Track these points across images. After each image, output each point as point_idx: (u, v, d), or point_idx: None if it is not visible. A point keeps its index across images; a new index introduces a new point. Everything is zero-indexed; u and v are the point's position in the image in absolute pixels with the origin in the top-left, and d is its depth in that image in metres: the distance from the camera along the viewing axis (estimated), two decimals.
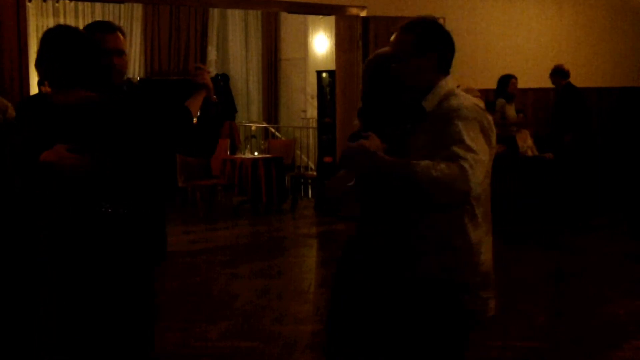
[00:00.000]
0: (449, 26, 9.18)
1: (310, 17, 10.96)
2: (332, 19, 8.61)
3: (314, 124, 10.02)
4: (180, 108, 2.72)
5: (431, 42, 2.40)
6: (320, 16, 10.00)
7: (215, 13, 12.05)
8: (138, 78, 10.98)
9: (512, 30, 8.62)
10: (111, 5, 11.06)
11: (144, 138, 2.62)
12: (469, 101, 2.32)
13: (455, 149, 2.13)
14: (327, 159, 8.83)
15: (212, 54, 12.24)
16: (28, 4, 7.63)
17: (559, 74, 8.22)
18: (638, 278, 5.71)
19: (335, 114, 8.45)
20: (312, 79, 9.90)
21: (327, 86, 8.91)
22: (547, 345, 4.22)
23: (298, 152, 10.59)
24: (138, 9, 11.31)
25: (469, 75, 7.95)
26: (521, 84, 7.95)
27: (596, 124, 8.84)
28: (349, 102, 8.16)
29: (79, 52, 2.58)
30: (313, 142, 10.49)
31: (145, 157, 2.68)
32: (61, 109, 2.58)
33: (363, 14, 7.87)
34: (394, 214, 2.36)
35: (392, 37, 2.49)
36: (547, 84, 8.34)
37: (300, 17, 11.15)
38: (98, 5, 11.01)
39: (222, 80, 10.82)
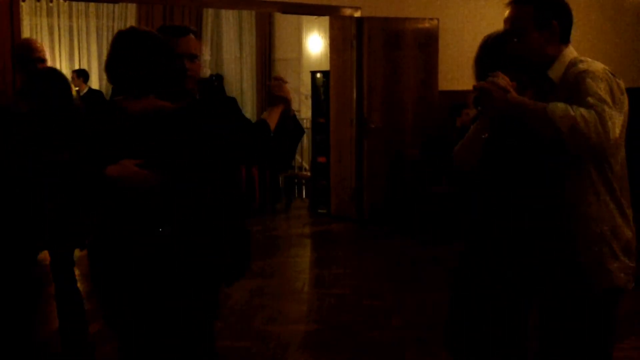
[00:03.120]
0: (442, 27, 9.20)
1: (305, 18, 10.95)
2: (326, 19, 8.61)
3: (308, 124, 10.00)
4: (258, 122, 2.57)
5: (551, 11, 2.31)
6: (315, 17, 9.99)
7: (209, 13, 12.03)
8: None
9: None
10: (105, 5, 11.03)
11: (220, 153, 2.45)
12: (598, 65, 2.26)
13: (590, 99, 2.08)
14: (321, 159, 8.84)
15: (206, 54, 12.22)
16: (22, 3, 7.62)
17: None
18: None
19: (329, 114, 8.46)
20: (306, 79, 9.88)
21: (321, 86, 8.91)
22: None
23: None
24: (132, 9, 11.28)
25: (464, 76, 7.97)
26: None
27: None
28: (342, 102, 8.17)
29: (152, 56, 2.40)
30: (307, 142, 10.47)
31: (218, 172, 2.54)
32: (132, 119, 2.39)
33: (357, 14, 7.88)
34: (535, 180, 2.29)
35: (507, 13, 2.36)
36: None
37: (294, 18, 11.13)
38: (92, 4, 10.98)
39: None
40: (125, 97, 2.44)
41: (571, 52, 2.34)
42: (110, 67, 2.44)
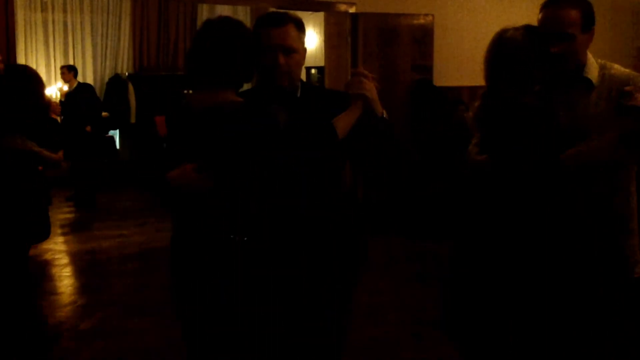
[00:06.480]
0: (438, 23, 9.15)
1: (299, 13, 10.93)
2: (321, 15, 8.60)
3: None
4: (322, 125, 2.31)
5: (592, 17, 2.43)
6: (309, 12, 9.98)
7: (204, 9, 12.01)
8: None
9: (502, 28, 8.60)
10: None
11: (278, 160, 2.25)
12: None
13: None
14: None
15: None
16: None
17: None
18: None
19: None
20: (301, 75, 9.89)
21: (316, 82, 8.91)
22: None
23: None
24: (126, 4, 11.25)
25: (458, 72, 7.97)
26: None
27: None
28: None
29: (230, 48, 2.24)
30: None
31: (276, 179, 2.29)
32: (197, 114, 2.26)
33: (352, 10, 7.86)
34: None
35: (553, 13, 2.42)
36: None
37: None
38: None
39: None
40: (202, 90, 2.30)
41: (592, 55, 2.50)
42: (190, 57, 2.32)
